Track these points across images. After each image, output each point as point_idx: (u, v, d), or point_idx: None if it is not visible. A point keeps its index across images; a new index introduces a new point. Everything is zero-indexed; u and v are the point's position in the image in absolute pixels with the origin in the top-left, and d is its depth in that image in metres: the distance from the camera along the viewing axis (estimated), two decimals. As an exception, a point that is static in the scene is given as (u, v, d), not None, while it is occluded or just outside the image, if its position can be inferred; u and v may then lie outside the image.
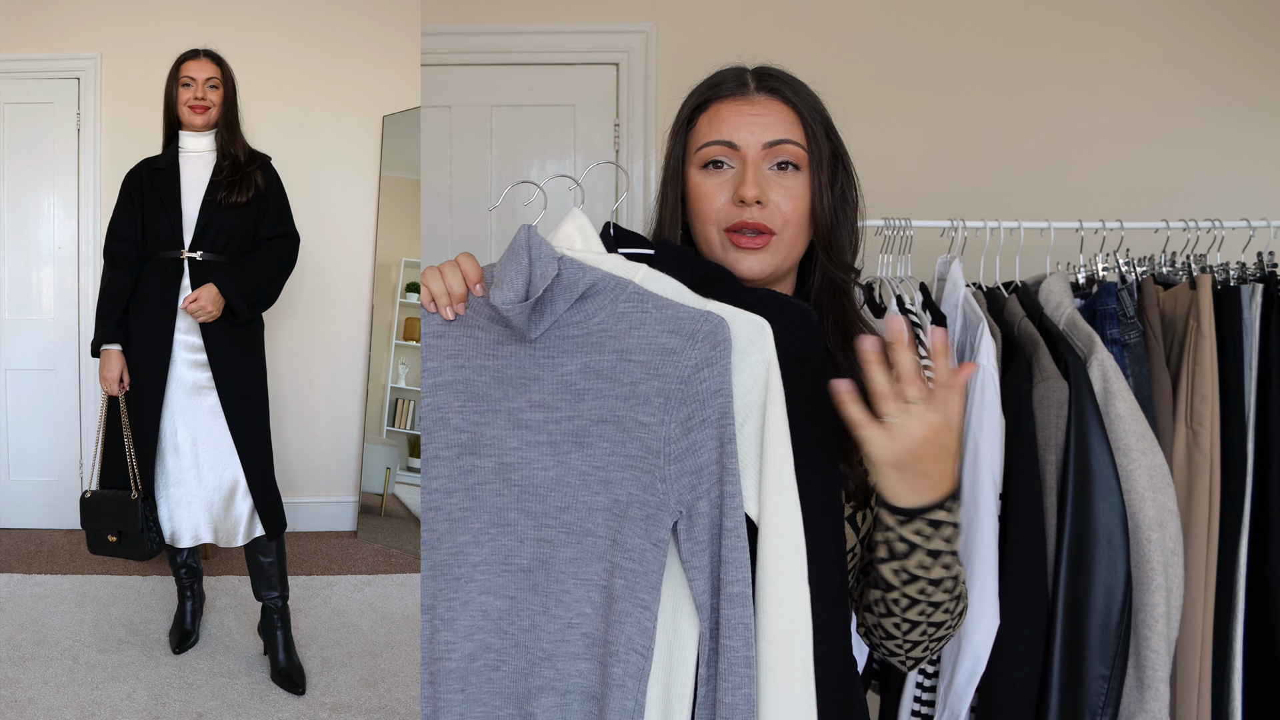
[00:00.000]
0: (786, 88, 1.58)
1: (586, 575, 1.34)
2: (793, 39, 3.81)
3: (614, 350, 1.33)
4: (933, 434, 1.28)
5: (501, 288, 1.32)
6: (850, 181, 1.62)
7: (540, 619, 1.36)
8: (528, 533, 1.36)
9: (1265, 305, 2.35)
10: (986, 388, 2.21)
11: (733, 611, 1.28)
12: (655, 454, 1.31)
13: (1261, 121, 3.93)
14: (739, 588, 1.28)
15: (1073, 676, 2.13)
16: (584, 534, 1.34)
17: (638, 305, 1.33)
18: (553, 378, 1.35)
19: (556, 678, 1.35)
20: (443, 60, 4.08)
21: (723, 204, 1.54)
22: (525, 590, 1.36)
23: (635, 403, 1.32)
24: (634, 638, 1.31)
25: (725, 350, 1.30)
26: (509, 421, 1.37)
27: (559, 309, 1.33)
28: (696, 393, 1.30)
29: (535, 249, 1.34)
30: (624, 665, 1.31)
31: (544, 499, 1.35)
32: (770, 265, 1.54)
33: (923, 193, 3.34)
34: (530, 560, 1.36)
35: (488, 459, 1.37)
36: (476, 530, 1.38)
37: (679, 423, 1.31)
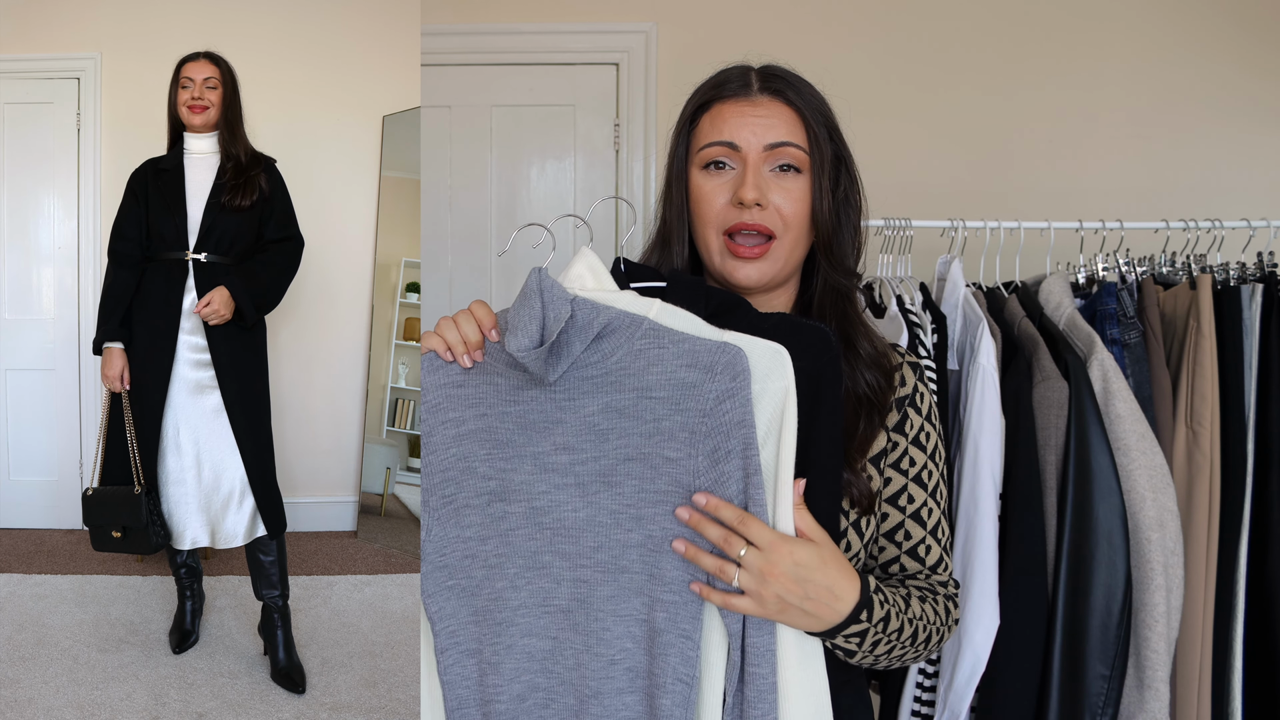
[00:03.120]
0: (790, 89, 1.56)
1: (625, 611, 1.35)
2: (793, 38, 3.80)
3: (634, 388, 1.34)
4: (776, 580, 1.29)
5: (516, 334, 1.32)
6: (854, 185, 1.60)
7: (584, 657, 1.36)
8: (564, 574, 1.37)
9: (1265, 305, 2.35)
10: (986, 388, 2.21)
11: (760, 639, 1.31)
12: (685, 488, 1.32)
13: (1261, 121, 3.93)
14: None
15: (1073, 676, 2.14)
16: (620, 571, 1.35)
17: (654, 341, 1.34)
18: (575, 420, 1.35)
19: (604, 714, 1.36)
20: (443, 60, 4.08)
21: (722, 205, 1.53)
22: (566, 630, 1.37)
23: (660, 439, 1.33)
24: (679, 668, 1.32)
25: (745, 380, 1.31)
26: (535, 466, 1.37)
27: (575, 350, 1.33)
28: (720, 425, 1.31)
29: (547, 292, 1.34)
30: (671, 696, 1.32)
31: (577, 540, 1.36)
32: (768, 273, 1.53)
33: (923, 193, 3.34)
34: (569, 600, 1.37)
35: (518, 505, 1.38)
36: (513, 575, 1.38)
37: (706, 455, 1.31)
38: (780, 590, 1.28)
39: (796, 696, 1.32)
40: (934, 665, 2.27)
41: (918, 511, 1.53)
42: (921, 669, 2.29)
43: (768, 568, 1.28)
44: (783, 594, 1.28)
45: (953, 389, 2.36)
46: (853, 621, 1.33)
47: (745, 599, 1.29)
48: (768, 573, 1.28)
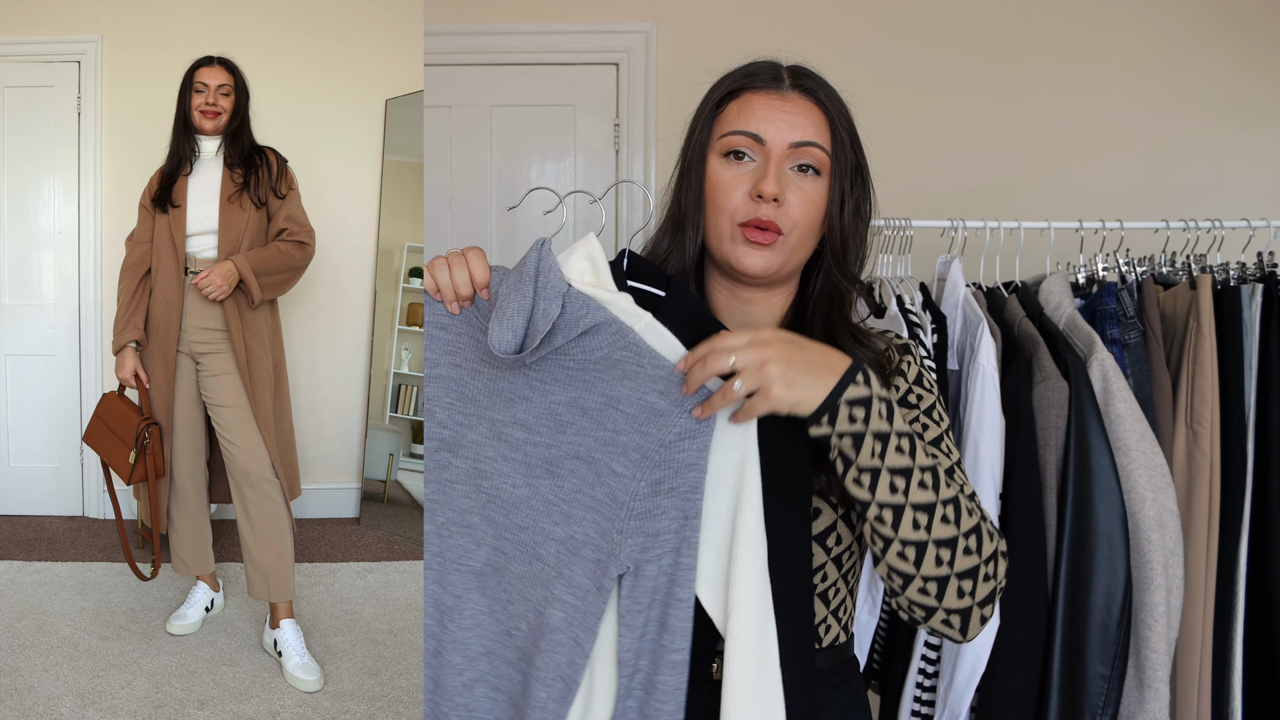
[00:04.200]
0: (821, 90, 1.55)
1: (530, 597, 1.37)
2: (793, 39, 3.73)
3: (603, 394, 1.34)
4: (769, 338, 1.28)
5: (500, 323, 1.32)
6: (867, 195, 1.59)
7: (484, 618, 1.39)
8: (485, 539, 1.39)
9: (1265, 305, 2.35)
10: (986, 388, 2.22)
11: (672, 678, 1.30)
12: (619, 505, 1.32)
13: (1261, 121, 3.93)
14: (680, 656, 1.30)
15: (1073, 676, 2.15)
16: (535, 558, 1.36)
17: (634, 356, 1.33)
18: (541, 402, 1.36)
19: (491, 673, 1.39)
20: (443, 60, 4.09)
21: (740, 197, 1.51)
22: (473, 591, 1.40)
23: (613, 451, 1.33)
24: (563, 667, 1.33)
25: (709, 426, 1.31)
26: (490, 432, 1.38)
27: (556, 343, 1.33)
28: (673, 460, 1.31)
29: (543, 277, 1.32)
30: (549, 690, 1.33)
31: (507, 514, 1.38)
32: (774, 264, 1.52)
33: (923, 193, 3.33)
34: (483, 565, 1.39)
35: (463, 460, 1.40)
36: (441, 524, 1.41)
37: (649, 483, 1.32)
38: (779, 356, 1.26)
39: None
40: (934, 665, 2.28)
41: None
42: (921, 669, 2.30)
43: (759, 350, 1.26)
44: (785, 360, 1.26)
45: (953, 389, 2.36)
46: (850, 381, 1.29)
47: (758, 395, 1.27)
48: (761, 351, 1.26)
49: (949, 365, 2.37)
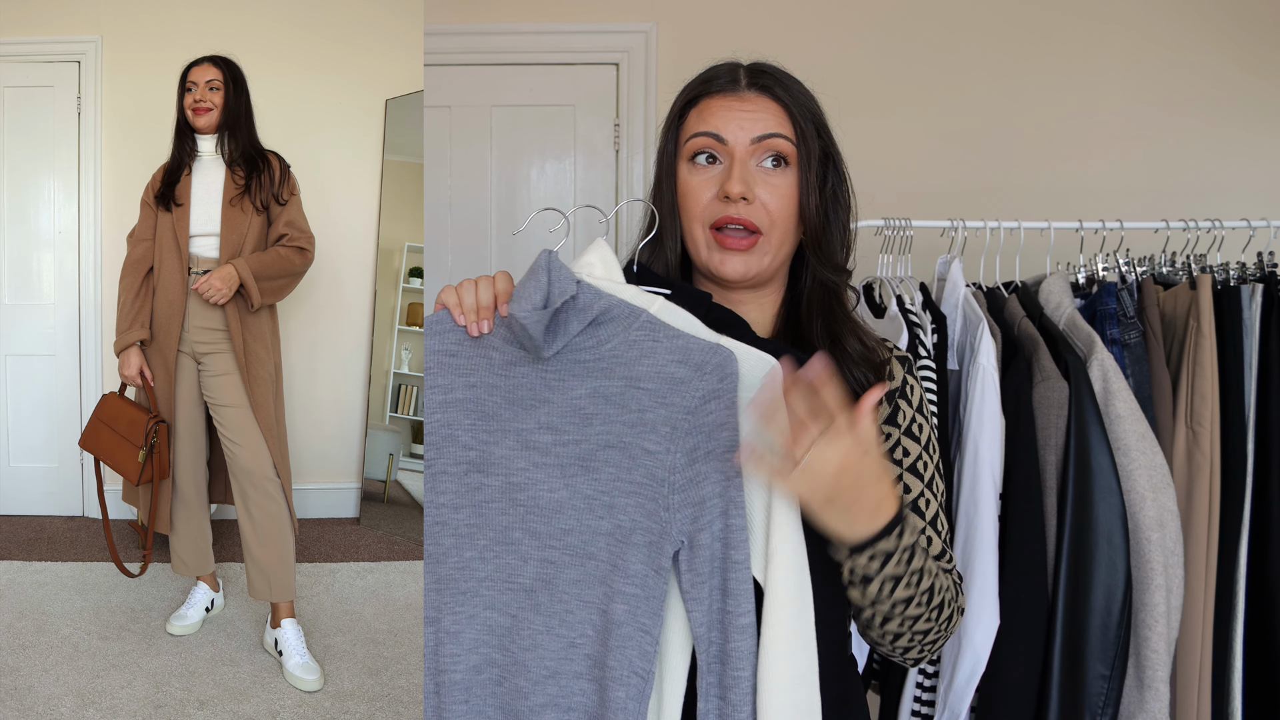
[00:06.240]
0: (778, 85, 1.55)
1: (589, 598, 1.35)
2: (793, 38, 3.79)
3: (623, 377, 1.34)
4: (849, 461, 1.22)
5: (519, 300, 1.33)
6: (842, 181, 1.59)
7: (543, 638, 1.36)
8: (532, 553, 1.37)
9: (1265, 305, 2.35)
10: (986, 388, 2.22)
11: (743, 643, 1.29)
12: (660, 482, 1.32)
13: (1261, 121, 3.93)
14: (747, 619, 1.29)
15: (1073, 676, 2.15)
16: (587, 557, 1.35)
17: (649, 334, 1.34)
18: (562, 400, 1.36)
19: (560, 695, 1.36)
20: (443, 60, 4.08)
21: (709, 200, 1.52)
22: (527, 610, 1.37)
23: (642, 430, 1.33)
24: (635, 661, 1.32)
25: (733, 383, 1.31)
26: (517, 442, 1.37)
27: (572, 330, 1.34)
28: (703, 424, 1.31)
29: (554, 270, 1.34)
30: (626, 688, 1.32)
31: (549, 520, 1.36)
32: (755, 268, 1.53)
33: (923, 193, 3.34)
34: (533, 580, 1.37)
35: (495, 478, 1.38)
36: (483, 547, 1.38)
37: (684, 453, 1.31)
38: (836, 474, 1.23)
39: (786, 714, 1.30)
40: (934, 665, 2.28)
41: (915, 503, 1.53)
42: (921, 669, 2.30)
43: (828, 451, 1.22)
44: (836, 484, 1.24)
45: (953, 389, 2.36)
46: (884, 537, 1.30)
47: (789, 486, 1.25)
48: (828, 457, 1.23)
49: (949, 365, 2.37)
